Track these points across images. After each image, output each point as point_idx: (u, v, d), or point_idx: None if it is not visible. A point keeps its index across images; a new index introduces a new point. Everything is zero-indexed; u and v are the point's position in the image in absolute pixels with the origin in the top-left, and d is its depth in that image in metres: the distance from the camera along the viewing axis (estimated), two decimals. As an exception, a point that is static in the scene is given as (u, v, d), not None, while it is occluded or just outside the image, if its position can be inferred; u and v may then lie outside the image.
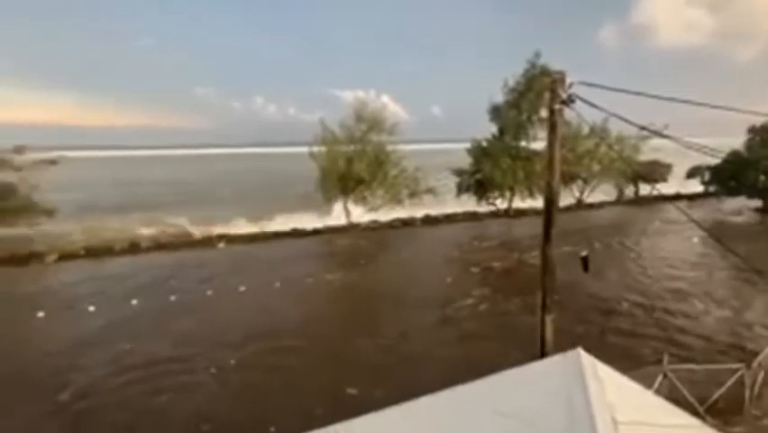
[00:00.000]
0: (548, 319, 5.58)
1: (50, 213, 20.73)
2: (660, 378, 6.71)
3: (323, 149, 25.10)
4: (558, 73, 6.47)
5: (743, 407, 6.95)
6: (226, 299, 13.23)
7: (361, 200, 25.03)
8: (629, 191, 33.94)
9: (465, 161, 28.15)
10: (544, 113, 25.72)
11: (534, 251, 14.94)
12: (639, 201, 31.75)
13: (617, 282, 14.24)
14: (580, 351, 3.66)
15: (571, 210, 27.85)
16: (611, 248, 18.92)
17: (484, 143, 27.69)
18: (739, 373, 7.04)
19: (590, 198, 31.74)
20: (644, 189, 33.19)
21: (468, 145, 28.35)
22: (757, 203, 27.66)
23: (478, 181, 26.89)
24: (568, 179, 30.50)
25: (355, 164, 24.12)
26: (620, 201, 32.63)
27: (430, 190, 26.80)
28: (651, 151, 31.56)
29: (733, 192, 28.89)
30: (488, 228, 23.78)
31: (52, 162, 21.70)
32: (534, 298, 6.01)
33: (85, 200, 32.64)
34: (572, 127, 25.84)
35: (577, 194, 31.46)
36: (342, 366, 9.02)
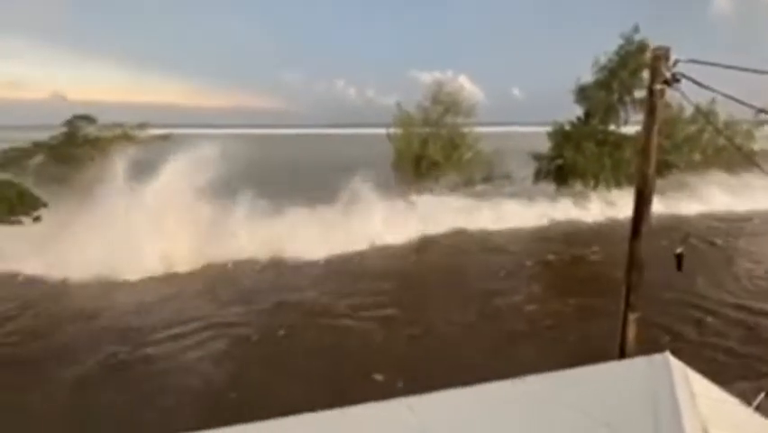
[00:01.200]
0: (631, 318, 5.11)
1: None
2: (761, 396, 5.86)
3: (399, 131, 25.14)
4: (661, 49, 5.69)
5: None
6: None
7: (434, 183, 24.63)
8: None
9: (545, 146, 26.27)
10: (638, 94, 22.99)
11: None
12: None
13: (715, 285, 12.50)
14: (669, 355, 3.32)
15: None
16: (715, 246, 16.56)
17: (567, 127, 25.51)
18: None
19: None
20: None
21: (549, 129, 26.37)
22: None
23: (558, 167, 24.99)
24: (662, 168, 27.12)
25: (429, 146, 23.81)
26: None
27: (506, 175, 25.62)
28: (764, 138, 26.81)
29: None
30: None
31: (164, 138, 24.52)
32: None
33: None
34: (671, 111, 22.78)
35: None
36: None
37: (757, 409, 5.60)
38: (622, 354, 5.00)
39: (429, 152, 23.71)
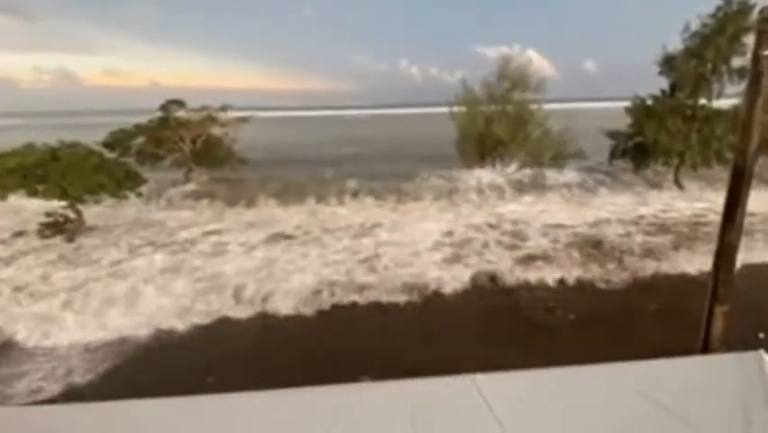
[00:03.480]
0: (719, 311, 4.59)
1: (244, 162, 25.38)
2: None
3: (463, 109, 24.27)
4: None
5: None
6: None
7: (499, 161, 23.59)
8: None
9: (621, 123, 23.79)
10: (737, 62, 19.77)
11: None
12: None
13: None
14: (763, 353, 2.95)
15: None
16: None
17: (649, 101, 22.81)
18: None
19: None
20: None
21: (627, 104, 23.73)
22: None
23: (637, 145, 22.61)
24: (764, 147, 23.33)
25: (494, 124, 22.72)
26: None
27: (578, 153, 23.76)
28: None
29: None
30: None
31: (244, 120, 26.12)
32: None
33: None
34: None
35: None
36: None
37: None
38: (705, 349, 4.54)
39: (494, 130, 22.63)
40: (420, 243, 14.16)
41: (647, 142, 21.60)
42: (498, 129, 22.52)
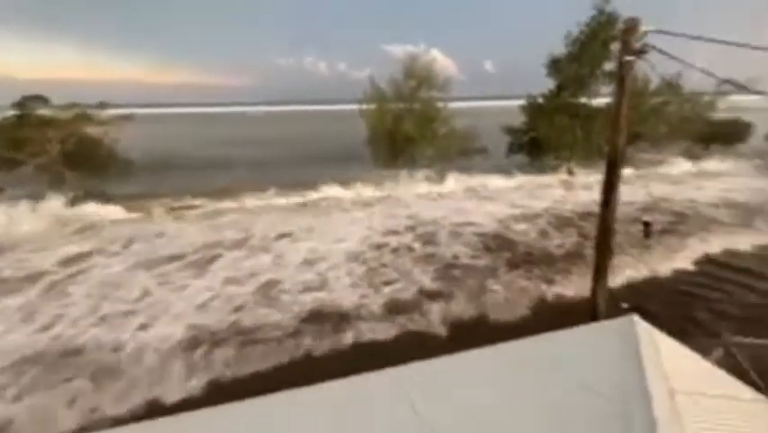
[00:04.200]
0: (600, 283, 5.36)
1: (129, 163, 22.64)
2: (720, 351, 6.35)
3: (372, 107, 24.75)
4: (631, 20, 5.78)
5: None
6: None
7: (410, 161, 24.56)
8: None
9: (518, 120, 26.68)
10: (608, 66, 23.39)
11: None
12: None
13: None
14: (635, 317, 3.52)
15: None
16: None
17: (540, 100, 25.89)
18: None
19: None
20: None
21: (521, 102, 26.72)
22: None
23: (532, 141, 25.47)
24: (630, 139, 28.12)
25: (404, 122, 23.60)
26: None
27: (481, 149, 25.88)
28: (728, 109, 28.05)
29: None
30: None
31: (127, 118, 23.32)
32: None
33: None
34: (640, 82, 23.37)
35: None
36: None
37: (716, 363, 6.09)
38: (594, 317, 5.26)
39: (404, 127, 23.51)
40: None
41: (540, 138, 24.56)
42: (407, 127, 23.44)
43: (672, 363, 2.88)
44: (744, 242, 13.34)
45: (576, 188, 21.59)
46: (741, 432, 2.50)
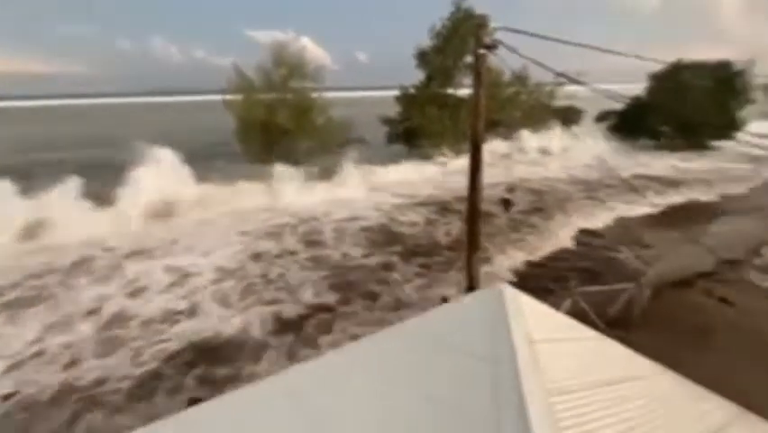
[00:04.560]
0: (474, 257, 6.09)
1: None
2: (568, 301, 7.85)
3: (239, 97, 23.39)
4: (481, 17, 6.60)
5: (633, 318, 8.43)
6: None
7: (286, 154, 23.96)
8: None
9: (395, 110, 28.33)
10: (469, 59, 26.26)
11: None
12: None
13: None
14: (504, 284, 4.11)
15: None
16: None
17: (412, 91, 27.81)
18: (629, 292, 8.47)
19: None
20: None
21: (396, 93, 28.39)
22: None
23: (408, 130, 27.23)
24: (491, 124, 32.25)
25: (277, 113, 22.88)
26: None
27: (360, 140, 26.64)
28: (565, 97, 34.11)
29: (634, 134, 32.88)
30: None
31: None
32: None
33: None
34: (495, 74, 26.79)
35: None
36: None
37: (568, 312, 7.51)
38: (471, 288, 5.96)
39: (278, 118, 22.81)
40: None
41: (415, 127, 26.45)
42: (281, 118, 22.82)
43: (532, 318, 3.46)
44: (595, 213, 16.67)
45: (450, 174, 23.89)
46: (586, 363, 3.16)
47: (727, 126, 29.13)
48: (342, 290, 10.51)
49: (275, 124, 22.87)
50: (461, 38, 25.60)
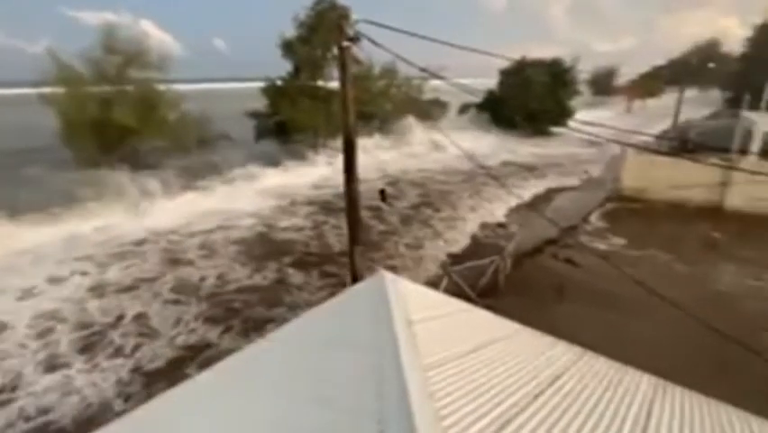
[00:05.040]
0: (357, 250, 6.37)
1: None
2: (445, 279, 8.86)
3: (60, 90, 19.95)
4: (343, 9, 6.87)
5: (499, 286, 9.98)
6: None
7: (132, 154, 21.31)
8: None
9: (262, 103, 27.39)
10: (335, 50, 26.74)
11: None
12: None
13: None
14: (383, 271, 4.44)
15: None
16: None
17: (279, 82, 27.24)
18: (495, 264, 9.88)
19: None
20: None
21: (262, 84, 27.45)
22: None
23: (277, 124, 26.59)
24: (366, 117, 33.56)
25: (115, 108, 20.14)
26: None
27: (223, 136, 25.14)
28: (431, 90, 37.17)
29: (492, 124, 37.58)
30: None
31: None
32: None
33: None
34: (366, 67, 27.82)
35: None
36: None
37: (445, 289, 8.41)
38: (354, 280, 6.24)
39: (116, 115, 20.09)
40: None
41: (286, 121, 26.00)
42: (121, 114, 20.16)
43: (411, 300, 3.82)
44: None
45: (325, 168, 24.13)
46: (458, 334, 3.62)
47: (561, 115, 35.38)
48: (226, 321, 9.28)
49: (113, 122, 20.10)
50: (328, 28, 25.94)
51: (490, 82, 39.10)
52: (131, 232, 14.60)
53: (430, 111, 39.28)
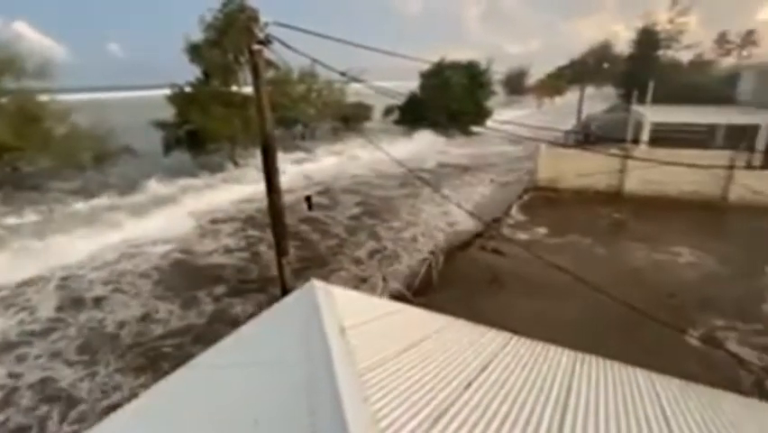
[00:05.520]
0: (284, 261, 6.24)
1: None
2: (381, 283, 9.01)
3: None
4: (252, 11, 6.71)
5: (433, 283, 10.34)
6: None
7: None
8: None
9: (169, 112, 25.71)
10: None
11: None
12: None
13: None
14: (314, 280, 4.39)
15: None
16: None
17: (188, 89, 25.80)
18: (428, 262, 10.25)
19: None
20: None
21: (168, 92, 25.81)
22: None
23: (189, 133, 25.10)
24: (288, 122, 33.00)
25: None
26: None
27: (125, 149, 23.24)
28: (354, 94, 37.46)
29: (416, 125, 38.74)
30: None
31: None
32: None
33: None
34: (284, 71, 27.29)
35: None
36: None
37: (382, 292, 8.56)
38: (285, 293, 6.10)
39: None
40: None
41: (198, 130, 24.60)
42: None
43: (344, 307, 3.83)
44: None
45: (249, 182, 23.22)
46: (391, 335, 3.70)
47: (480, 115, 37.51)
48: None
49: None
50: (239, 31, 25.04)
51: (413, 84, 40.34)
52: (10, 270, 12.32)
53: (355, 114, 39.61)
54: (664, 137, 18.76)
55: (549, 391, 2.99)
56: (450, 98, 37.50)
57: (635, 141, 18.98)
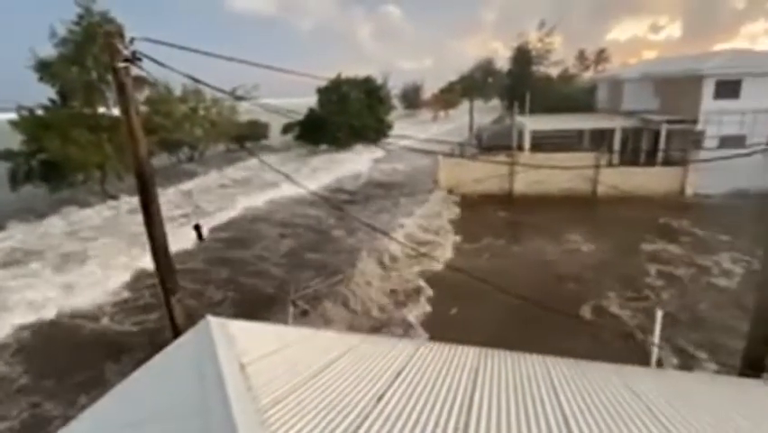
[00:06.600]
0: (173, 300, 5.80)
1: None
2: (291, 308, 8.91)
3: None
4: (114, 25, 6.26)
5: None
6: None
7: None
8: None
9: (14, 140, 22.39)
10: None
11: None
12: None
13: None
14: (209, 317, 4.15)
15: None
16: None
17: (40, 112, 22.77)
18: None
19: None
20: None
21: (12, 116, 22.41)
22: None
23: (44, 163, 22.09)
24: (172, 146, 30.88)
25: None
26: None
27: None
28: (246, 112, 36.34)
29: (317, 141, 38.78)
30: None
31: None
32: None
33: None
34: (162, 89, 25.58)
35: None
36: None
37: (294, 316, 8.39)
38: (176, 335, 5.66)
39: None
40: None
41: (57, 159, 21.80)
42: None
43: (244, 342, 3.67)
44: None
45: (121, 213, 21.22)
46: (295, 366, 3.63)
47: (380, 129, 38.79)
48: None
49: None
50: (102, 47, 22.84)
51: (310, 100, 40.25)
52: None
53: (251, 133, 38.37)
54: (543, 143, 21.83)
55: (456, 391, 3.18)
56: (349, 113, 38.20)
57: (520, 147, 21.50)
